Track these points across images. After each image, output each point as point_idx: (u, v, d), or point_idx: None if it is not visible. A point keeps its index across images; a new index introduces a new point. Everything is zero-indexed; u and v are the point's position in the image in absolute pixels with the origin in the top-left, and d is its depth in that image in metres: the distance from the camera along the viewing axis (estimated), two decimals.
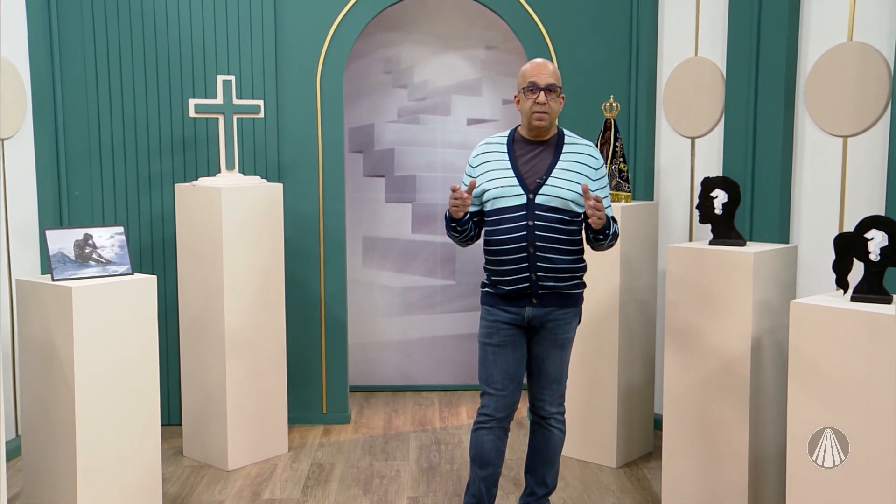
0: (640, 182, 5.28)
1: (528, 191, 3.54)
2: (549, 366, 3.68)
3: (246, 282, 4.76)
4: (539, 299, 3.58)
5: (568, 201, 3.54)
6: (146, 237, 5.26)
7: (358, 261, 6.20)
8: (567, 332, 3.67)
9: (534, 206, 3.52)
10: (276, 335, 4.94)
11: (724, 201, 4.09)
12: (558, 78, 3.58)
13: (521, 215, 3.53)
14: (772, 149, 4.44)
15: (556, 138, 3.64)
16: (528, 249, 3.52)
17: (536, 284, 3.55)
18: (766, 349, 3.97)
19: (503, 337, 3.62)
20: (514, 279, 3.56)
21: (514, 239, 3.54)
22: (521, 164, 3.59)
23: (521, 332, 3.65)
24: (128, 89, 5.17)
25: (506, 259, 3.56)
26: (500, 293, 3.61)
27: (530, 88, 3.54)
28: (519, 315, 3.61)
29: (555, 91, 3.55)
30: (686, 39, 5.11)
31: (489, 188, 3.59)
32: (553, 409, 3.75)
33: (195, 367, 4.88)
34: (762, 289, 3.93)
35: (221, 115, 4.84)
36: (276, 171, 5.34)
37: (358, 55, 5.99)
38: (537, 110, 3.54)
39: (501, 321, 3.61)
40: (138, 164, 5.21)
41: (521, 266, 3.54)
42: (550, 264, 3.54)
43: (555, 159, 3.59)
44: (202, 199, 4.73)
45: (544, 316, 3.61)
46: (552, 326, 3.63)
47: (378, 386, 6.29)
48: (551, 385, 3.71)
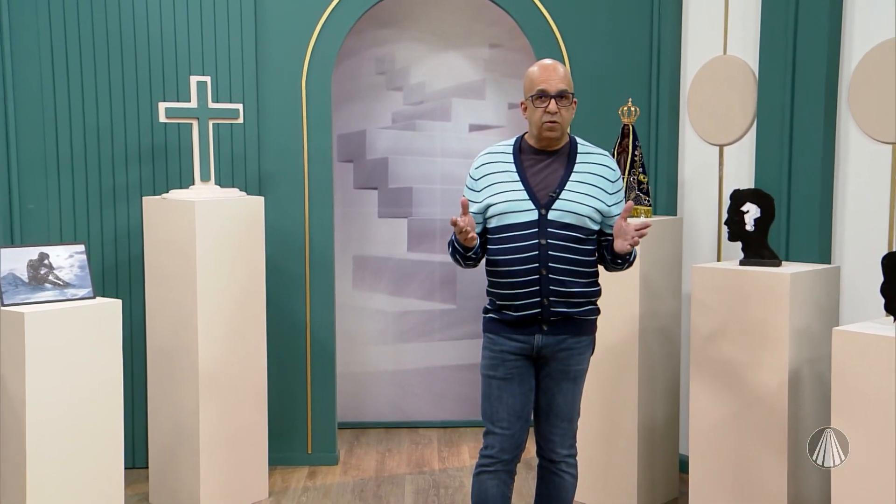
0: (661, 195, 5.29)
1: (540, 205, 3.51)
2: (559, 402, 3.65)
3: (222, 307, 4.75)
4: (550, 326, 3.56)
5: (584, 217, 3.52)
6: (110, 256, 5.24)
7: (347, 283, 6.21)
8: (580, 364, 3.65)
9: (546, 223, 3.50)
10: (256, 366, 4.94)
11: (756, 216, 4.13)
12: (570, 82, 3.57)
13: (532, 233, 3.50)
14: (811, 157, 4.43)
15: (567, 147, 3.63)
16: (539, 271, 3.49)
17: (548, 310, 3.52)
18: (805, 382, 3.98)
19: (509, 369, 3.59)
20: (524, 304, 3.53)
21: (524, 259, 3.51)
22: (531, 176, 3.57)
23: (528, 363, 3.62)
24: (89, 90, 5.16)
25: (514, 282, 3.53)
26: (506, 319, 3.58)
27: (539, 96, 3.53)
28: (527, 344, 3.58)
29: (567, 98, 3.53)
30: (713, 35, 5.12)
31: (495, 202, 3.56)
32: (564, 452, 3.71)
33: (164, 404, 4.87)
34: (800, 314, 3.95)
35: (195, 120, 4.84)
36: (256, 183, 5.34)
37: (348, 54, 6.00)
38: (548, 120, 3.52)
39: (507, 351, 3.59)
40: (101, 174, 5.19)
41: (531, 290, 3.51)
42: (564, 287, 3.51)
43: (568, 171, 3.57)
44: (173, 214, 4.73)
45: (556, 345, 3.58)
46: (564, 357, 3.60)
47: (370, 422, 6.29)
48: (562, 424, 3.68)
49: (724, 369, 4.08)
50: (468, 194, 3.63)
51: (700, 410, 4.17)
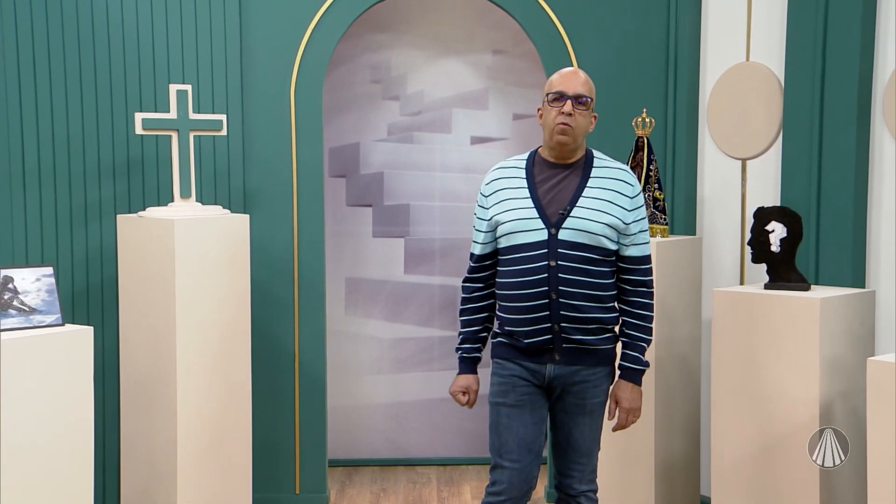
0: (679, 213, 5.29)
1: (550, 224, 3.54)
2: (577, 437, 3.67)
3: (203, 335, 4.74)
4: (563, 355, 3.57)
5: (598, 236, 3.53)
6: (80, 280, 5.21)
7: (339, 308, 6.20)
8: (597, 396, 3.66)
9: (557, 243, 3.52)
10: (240, 399, 4.92)
11: (782, 236, 4.15)
12: (592, 90, 3.61)
13: (541, 254, 3.53)
14: (842, 171, 4.41)
15: (583, 160, 3.65)
16: (549, 295, 3.51)
17: (560, 337, 3.54)
18: (837, 416, 3.97)
19: (520, 395, 3.62)
20: (533, 330, 3.55)
21: (532, 283, 3.53)
22: (542, 192, 3.59)
23: (541, 391, 3.65)
24: (58, 99, 5.13)
25: (523, 307, 3.55)
26: (516, 346, 3.61)
27: (555, 97, 3.57)
28: (538, 373, 3.60)
29: (585, 104, 3.57)
30: (735, 40, 5.11)
31: (504, 220, 3.59)
32: (584, 487, 3.71)
33: (139, 440, 4.85)
34: (832, 343, 3.95)
35: (175, 131, 4.83)
36: (241, 200, 5.34)
37: (340, 61, 6.00)
38: (562, 122, 3.54)
39: (518, 376, 3.62)
40: (72, 191, 5.16)
41: (541, 315, 3.53)
42: (577, 313, 3.53)
43: (581, 185, 3.59)
44: (150, 234, 4.72)
45: (569, 377, 3.59)
46: (578, 391, 3.61)
47: (363, 460, 6.27)
48: (581, 459, 3.69)
49: (748, 402, 4.08)
50: (479, 212, 3.70)
51: (722, 447, 4.18)
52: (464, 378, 3.77)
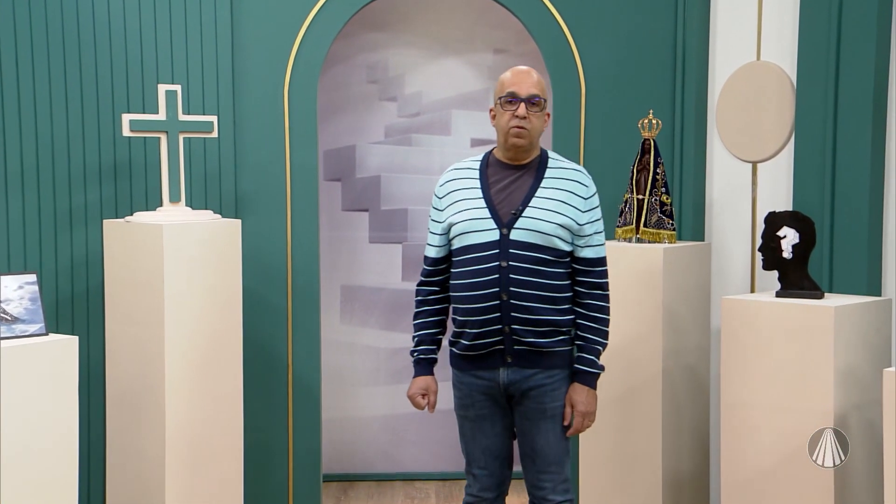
0: (687, 218, 5.30)
1: (502, 224, 3.65)
2: (542, 444, 3.73)
3: (193, 345, 4.74)
4: (515, 358, 3.67)
5: (551, 236, 3.65)
6: (65, 287, 5.20)
7: (335, 316, 6.21)
8: (557, 400, 3.74)
9: (508, 243, 3.64)
10: (231, 412, 4.92)
11: (794, 242, 4.15)
12: (544, 90, 3.74)
13: (492, 254, 3.64)
14: (857, 174, 4.39)
15: (537, 161, 3.78)
16: (500, 296, 3.62)
17: (511, 339, 3.65)
18: (853, 430, 3.95)
19: (480, 409, 3.78)
20: (482, 332, 3.67)
21: (484, 283, 3.65)
22: (495, 193, 3.72)
23: (500, 401, 3.77)
24: (42, 99, 5.11)
25: (474, 308, 3.68)
26: (467, 354, 3.74)
27: (509, 99, 3.68)
28: (492, 381, 3.73)
29: (538, 105, 3.70)
30: (745, 38, 5.11)
31: (456, 221, 3.72)
32: (559, 498, 3.76)
33: (125, 455, 4.84)
34: (846, 353, 3.95)
35: (164, 133, 4.84)
36: (232, 205, 5.35)
37: (335, 60, 6.01)
38: (516, 125, 3.67)
39: (476, 389, 3.77)
40: (56, 194, 5.14)
41: (492, 317, 3.65)
42: (529, 314, 3.64)
43: (535, 185, 3.72)
44: (138, 240, 4.72)
45: (524, 381, 3.69)
46: (537, 395, 3.70)
47: (359, 474, 6.27)
48: (550, 468, 3.75)
49: (759, 416, 4.08)
50: (433, 214, 3.84)
51: (732, 463, 4.17)
52: (422, 380, 3.91)
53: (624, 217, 4.91)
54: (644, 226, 4.84)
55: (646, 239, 4.84)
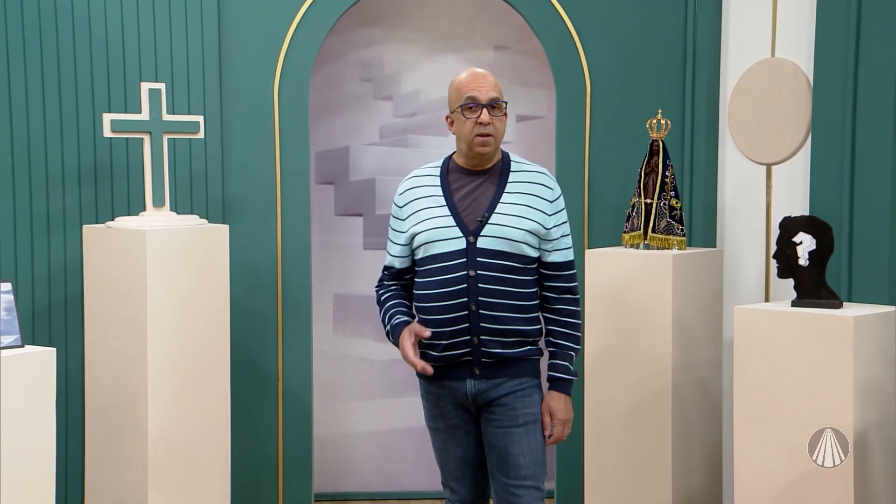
0: (697, 223, 5.31)
1: (468, 232, 3.69)
2: (515, 453, 3.70)
3: (177, 356, 4.74)
4: (483, 369, 3.69)
5: (519, 243, 3.67)
6: (42, 296, 5.21)
7: (327, 326, 6.19)
8: (529, 407, 3.73)
9: (475, 252, 3.67)
10: (218, 427, 4.92)
11: (811, 248, 4.14)
12: (501, 91, 3.77)
13: (459, 263, 3.67)
14: (877, 178, 4.39)
15: (500, 165, 3.81)
16: (469, 306, 3.65)
17: (479, 351, 3.67)
18: (873, 446, 3.96)
19: (449, 420, 3.80)
20: (451, 343, 3.68)
21: (451, 294, 3.67)
22: (458, 200, 3.76)
23: (469, 411, 3.78)
24: (18, 99, 5.12)
25: (441, 319, 3.68)
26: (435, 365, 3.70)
27: (469, 106, 3.72)
28: (460, 392, 3.73)
29: (499, 107, 3.73)
30: (759, 34, 5.12)
31: (419, 230, 3.75)
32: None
33: (105, 473, 4.84)
34: (866, 366, 3.93)
35: (147, 134, 4.85)
36: (219, 209, 5.36)
37: (328, 58, 5.99)
38: (480, 133, 3.70)
39: (445, 401, 3.79)
40: (32, 199, 5.16)
41: (460, 328, 3.66)
42: (497, 325, 3.67)
43: (499, 191, 3.74)
44: (120, 246, 4.73)
45: (492, 390, 3.70)
46: (508, 401, 3.71)
47: (352, 493, 6.23)
48: (525, 481, 3.71)
49: (774, 431, 4.07)
50: (394, 223, 3.88)
51: (746, 480, 4.16)
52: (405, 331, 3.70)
53: (631, 222, 4.90)
54: (652, 231, 4.85)
55: (654, 245, 4.85)
